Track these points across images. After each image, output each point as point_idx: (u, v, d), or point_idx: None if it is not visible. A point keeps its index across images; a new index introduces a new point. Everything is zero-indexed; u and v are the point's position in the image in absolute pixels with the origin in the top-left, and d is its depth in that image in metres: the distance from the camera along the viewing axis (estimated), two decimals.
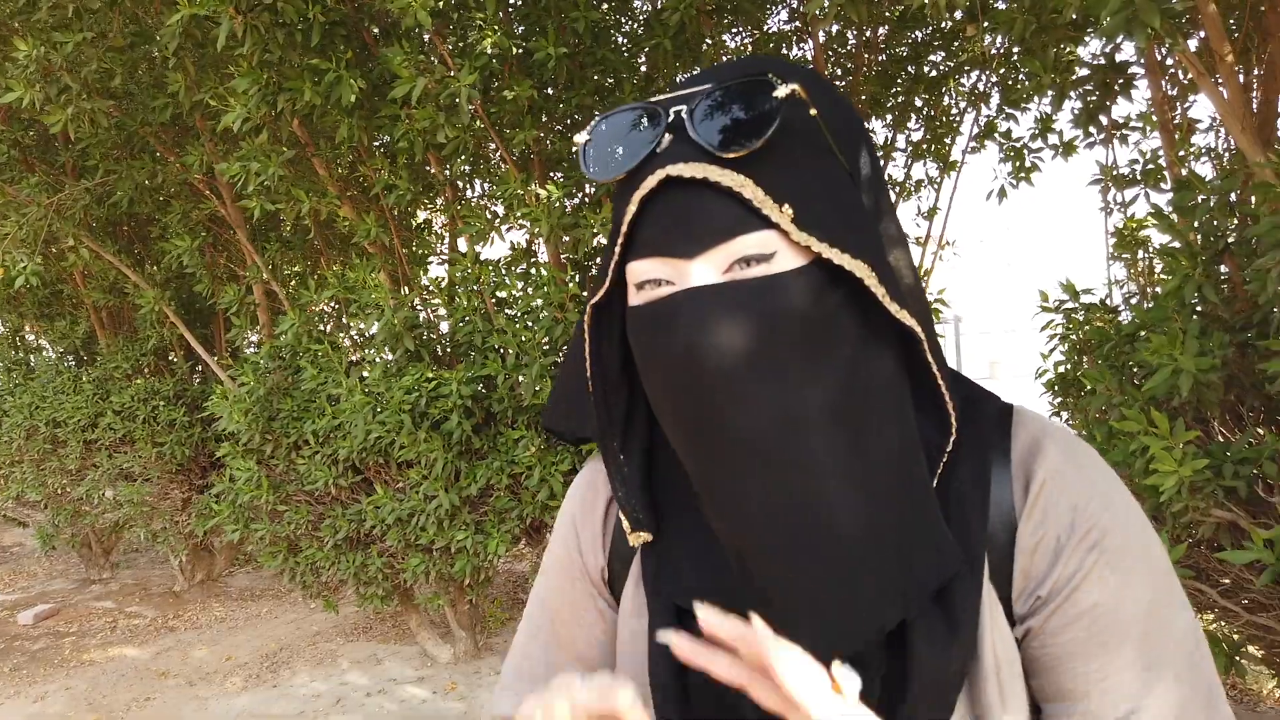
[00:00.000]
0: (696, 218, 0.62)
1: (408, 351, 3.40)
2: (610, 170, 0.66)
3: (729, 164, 0.62)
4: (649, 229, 0.64)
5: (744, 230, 0.61)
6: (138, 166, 3.65)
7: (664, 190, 0.63)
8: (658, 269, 0.64)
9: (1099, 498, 0.66)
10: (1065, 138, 3.75)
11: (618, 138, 0.66)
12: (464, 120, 2.73)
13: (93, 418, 5.00)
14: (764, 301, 0.61)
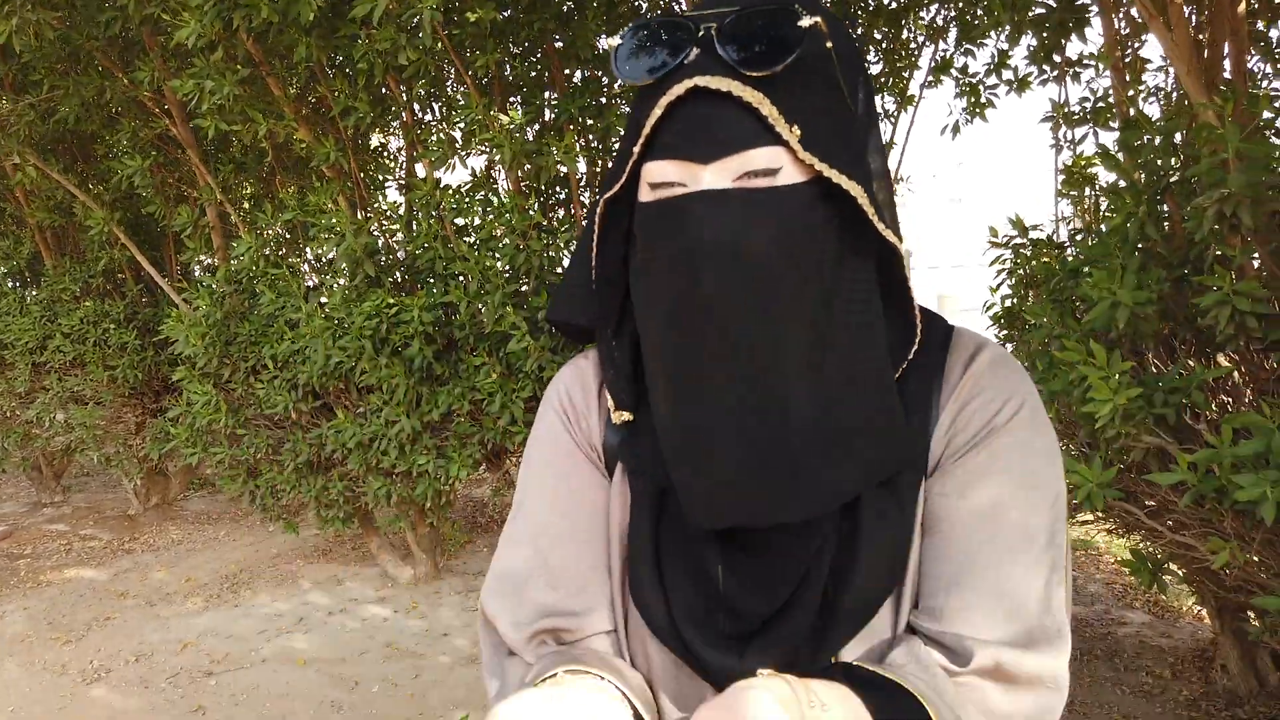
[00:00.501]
0: (716, 127, 0.68)
1: (368, 277, 3.40)
2: (640, 73, 0.70)
3: (750, 81, 0.67)
4: (670, 133, 0.69)
5: (757, 144, 0.68)
6: (84, 82, 3.54)
7: (688, 99, 0.68)
8: (673, 171, 0.69)
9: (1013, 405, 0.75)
10: (1020, 74, 3.82)
11: (649, 45, 0.71)
12: (426, 43, 2.70)
13: (41, 340, 4.92)
14: (766, 209, 0.68)
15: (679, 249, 0.69)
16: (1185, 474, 1.82)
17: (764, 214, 0.68)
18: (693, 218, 0.68)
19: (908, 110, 4.19)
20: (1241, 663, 3.01)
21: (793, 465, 0.70)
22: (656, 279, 0.72)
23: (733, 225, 0.67)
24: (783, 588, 0.74)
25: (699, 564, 0.76)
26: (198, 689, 3.57)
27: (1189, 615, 3.69)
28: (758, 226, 0.68)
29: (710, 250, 0.67)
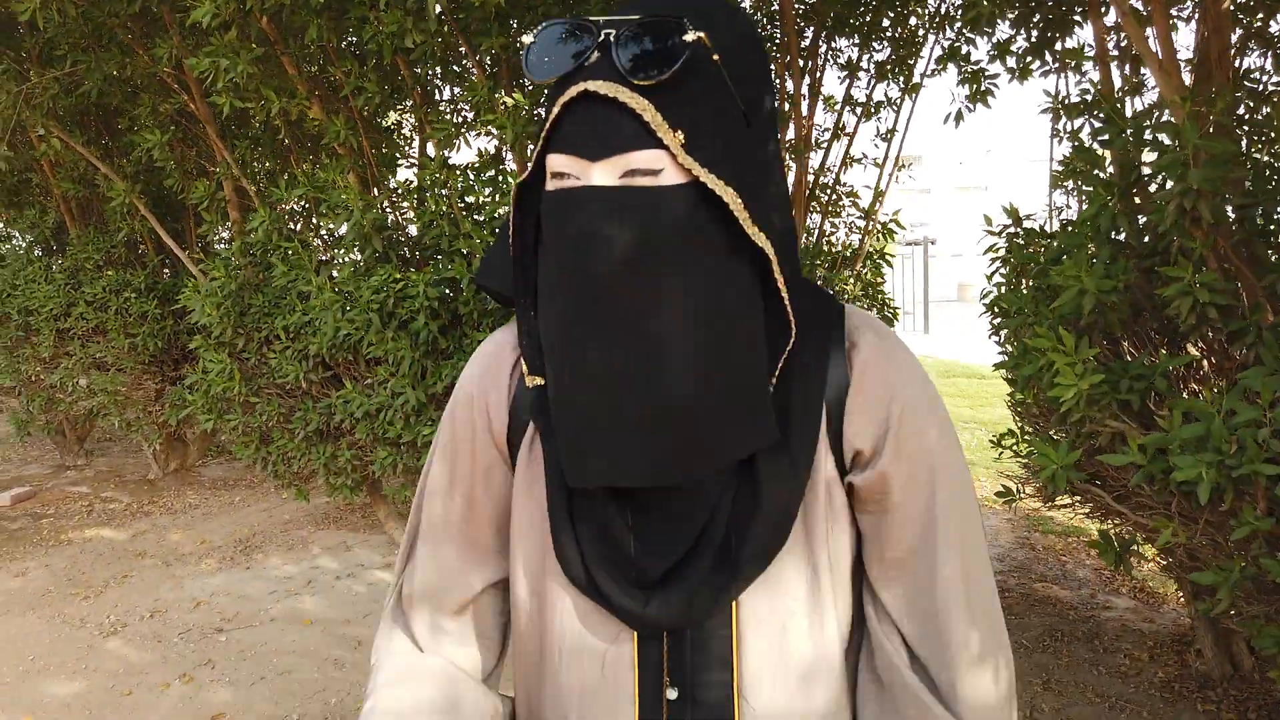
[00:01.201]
0: (604, 129, 0.75)
1: (376, 252, 3.51)
2: (544, 74, 0.78)
3: (637, 89, 0.74)
4: (567, 129, 0.76)
5: (639, 146, 0.75)
6: (106, 58, 3.66)
7: (584, 99, 0.75)
8: (569, 164, 0.77)
9: (903, 380, 0.85)
10: (1023, 62, 3.85)
11: (556, 46, 0.78)
12: (431, 26, 2.79)
13: (65, 307, 5.08)
14: (645, 207, 0.75)
15: (569, 235, 0.77)
16: (1135, 455, 1.90)
17: (642, 210, 0.75)
18: (580, 209, 0.76)
19: (911, 97, 4.25)
20: (1216, 647, 3.08)
21: (653, 435, 0.78)
22: (552, 259, 0.80)
23: (612, 218, 0.75)
24: (681, 542, 0.83)
25: (605, 520, 0.84)
26: (208, 644, 3.72)
27: (1173, 601, 3.75)
28: (635, 220, 0.75)
29: (592, 239, 0.75)
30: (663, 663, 0.84)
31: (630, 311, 0.76)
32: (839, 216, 4.37)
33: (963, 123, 4.20)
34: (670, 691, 0.84)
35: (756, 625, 0.84)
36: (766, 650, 0.84)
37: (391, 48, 3.03)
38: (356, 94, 3.29)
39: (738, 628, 0.84)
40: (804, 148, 3.94)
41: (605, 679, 0.86)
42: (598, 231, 0.76)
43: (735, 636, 0.84)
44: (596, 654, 0.86)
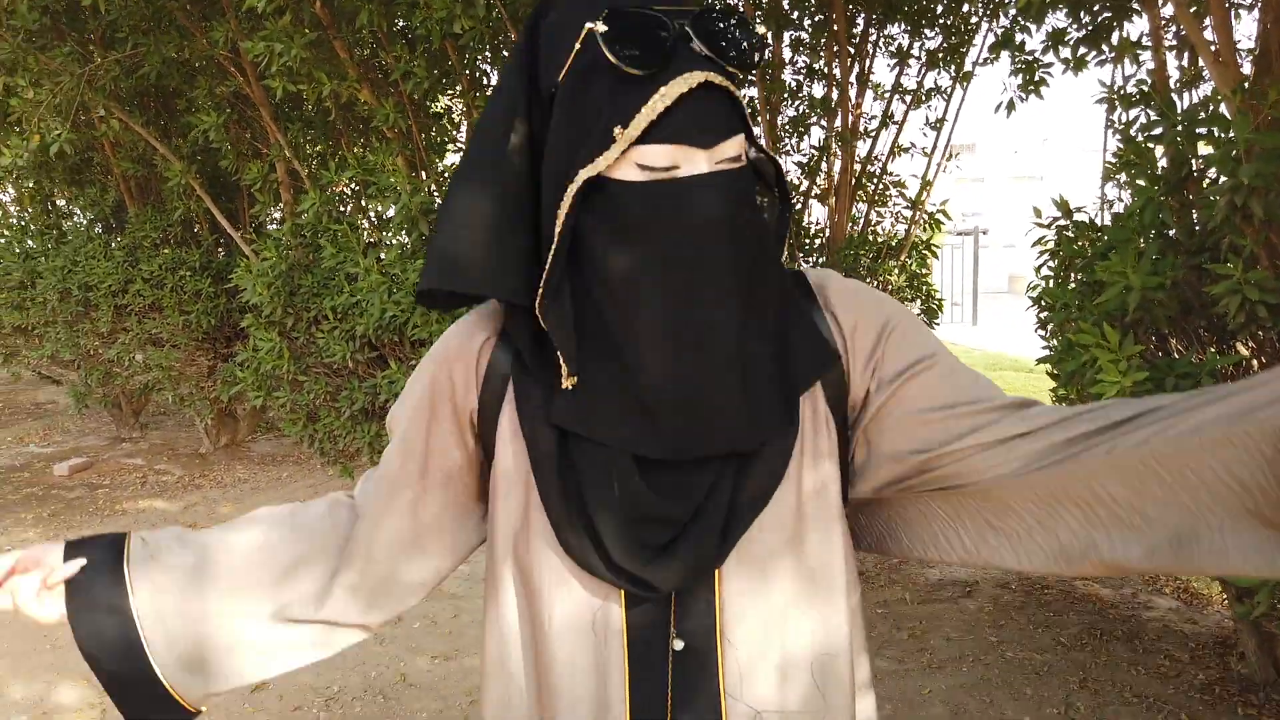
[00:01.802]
0: (713, 115, 0.78)
1: (422, 235, 3.56)
2: (636, 65, 0.77)
3: (732, 78, 0.80)
4: (671, 121, 0.77)
5: (731, 133, 0.80)
6: (166, 40, 3.75)
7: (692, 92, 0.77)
8: (672, 155, 0.78)
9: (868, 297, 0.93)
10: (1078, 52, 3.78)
11: (631, 35, 0.77)
12: (480, 11, 2.82)
13: (123, 284, 5.22)
14: (739, 190, 0.82)
15: (694, 224, 0.80)
16: None
17: (740, 193, 0.82)
18: (701, 199, 0.79)
19: (962, 86, 4.19)
20: (1259, 651, 3.02)
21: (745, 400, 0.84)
22: (651, 249, 0.81)
23: (726, 204, 0.80)
24: (688, 506, 0.86)
25: (617, 489, 0.86)
26: None
27: (1218, 602, 3.69)
28: (737, 204, 0.81)
29: (718, 225, 0.80)
30: (670, 619, 0.88)
31: (731, 289, 0.82)
32: (885, 206, 4.33)
33: (1015, 112, 4.14)
34: (677, 643, 0.87)
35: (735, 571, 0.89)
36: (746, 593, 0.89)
37: (440, 33, 3.07)
38: (406, 78, 3.33)
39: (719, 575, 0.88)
40: (852, 136, 3.91)
41: (596, 640, 0.89)
42: (722, 214, 0.80)
43: (717, 582, 0.88)
44: (586, 618, 0.89)
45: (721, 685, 0.87)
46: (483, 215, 0.86)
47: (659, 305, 0.81)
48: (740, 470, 0.86)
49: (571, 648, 0.90)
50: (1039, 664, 3.25)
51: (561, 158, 0.82)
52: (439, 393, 0.94)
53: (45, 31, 3.89)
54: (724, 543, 0.86)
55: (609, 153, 0.78)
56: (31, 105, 3.59)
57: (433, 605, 3.87)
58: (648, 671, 0.88)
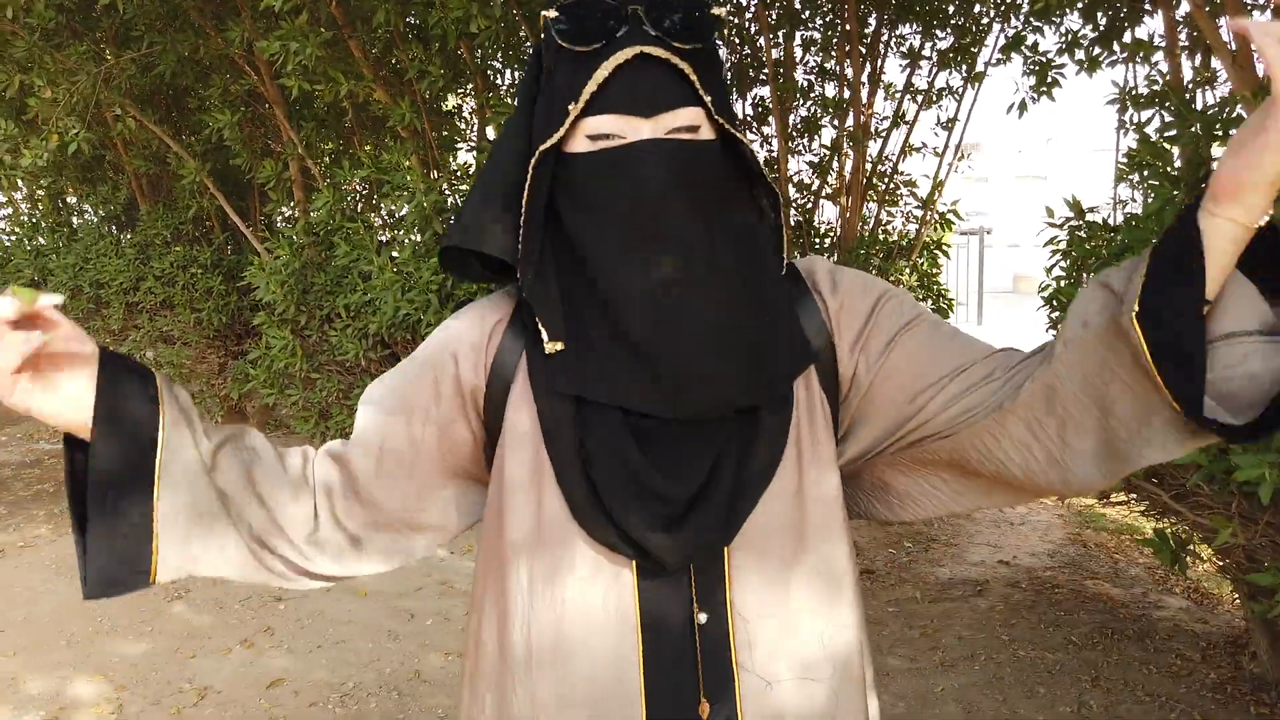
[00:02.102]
0: (655, 88, 0.84)
1: (436, 234, 3.57)
2: (584, 42, 0.84)
3: (679, 52, 0.84)
4: (614, 92, 0.84)
5: (684, 104, 0.85)
6: (181, 39, 3.76)
7: (627, 65, 0.83)
8: (617, 124, 0.85)
9: (854, 279, 0.98)
10: (1091, 54, 3.78)
11: (583, 19, 0.84)
12: (496, 11, 2.83)
13: (134, 281, 5.24)
14: (694, 158, 0.86)
15: (631, 187, 0.85)
16: (1197, 455, 1.88)
17: (693, 160, 0.86)
18: (643, 162, 0.84)
19: (974, 86, 4.20)
20: (1271, 650, 3.03)
21: (732, 359, 0.88)
22: (606, 214, 0.87)
23: (673, 168, 0.85)
24: (696, 475, 0.88)
25: (625, 463, 0.88)
26: (267, 612, 3.84)
27: (1228, 603, 3.69)
28: (689, 170, 0.85)
29: (659, 188, 0.84)
30: (690, 593, 0.90)
31: (691, 251, 0.86)
32: (896, 205, 4.34)
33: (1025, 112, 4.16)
34: (701, 616, 0.90)
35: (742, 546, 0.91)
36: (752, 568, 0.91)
37: (456, 32, 3.08)
38: (421, 78, 3.35)
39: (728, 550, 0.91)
40: (864, 135, 3.92)
41: (607, 613, 0.90)
42: (666, 180, 0.84)
43: (726, 557, 0.91)
44: (598, 592, 0.91)
45: (734, 656, 0.90)
46: (491, 192, 0.94)
47: (626, 267, 0.87)
48: (742, 449, 0.90)
49: (587, 617, 0.91)
50: (1051, 663, 3.26)
51: (537, 139, 0.90)
52: (441, 367, 0.96)
53: (60, 30, 3.91)
54: (730, 522, 0.89)
55: (561, 128, 0.86)
56: (49, 105, 3.60)
57: (444, 602, 3.89)
58: (663, 644, 0.89)
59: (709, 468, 0.88)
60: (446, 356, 0.97)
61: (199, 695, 3.19)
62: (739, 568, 0.91)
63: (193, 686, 3.24)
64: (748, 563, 0.91)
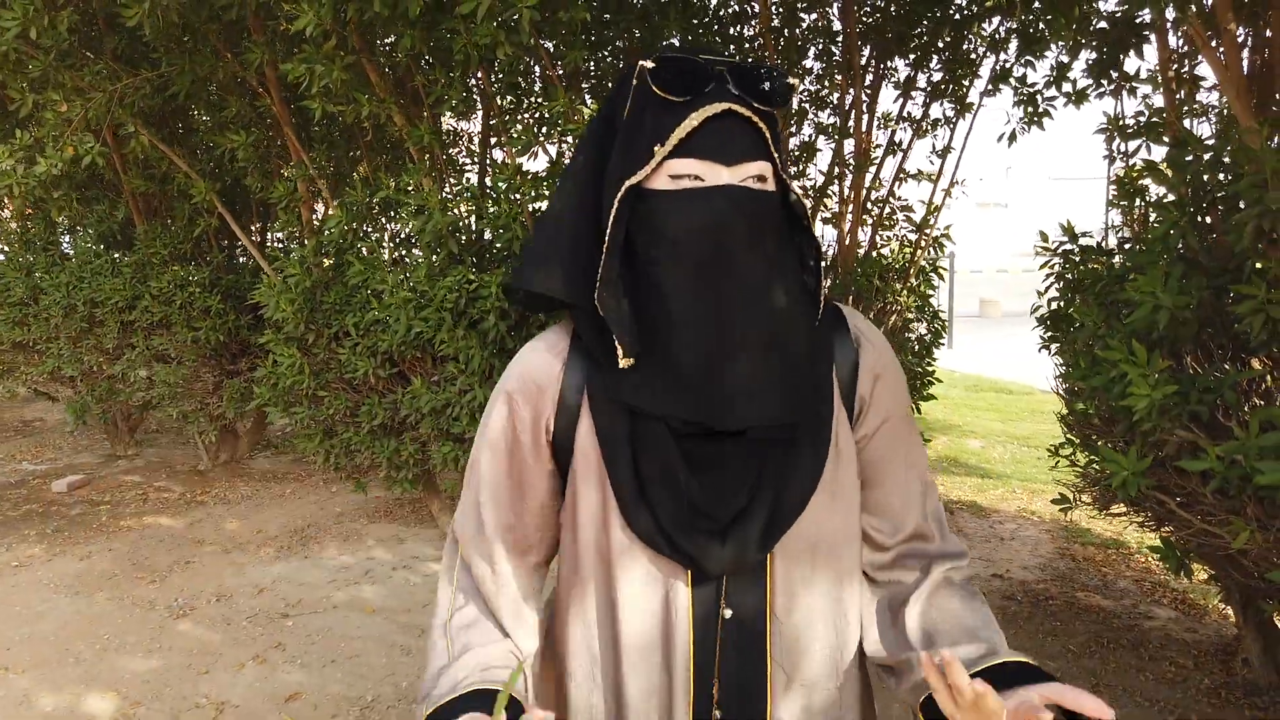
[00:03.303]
0: (739, 140, 0.98)
1: (451, 254, 3.64)
2: (678, 93, 0.97)
3: (759, 113, 0.98)
4: (702, 140, 0.97)
5: (759, 158, 0.99)
6: (199, 60, 3.81)
7: (716, 117, 0.97)
8: (700, 167, 0.98)
9: (889, 356, 1.13)
10: (1078, 86, 3.96)
11: (677, 73, 0.98)
12: (525, 40, 2.92)
13: (130, 300, 5.23)
14: (762, 205, 0.99)
15: (711, 223, 0.97)
16: (1213, 463, 2.00)
17: (761, 206, 0.99)
18: (722, 202, 0.97)
19: (966, 117, 4.36)
20: (1264, 655, 3.17)
21: (776, 381, 1.00)
22: (685, 248, 0.99)
23: (745, 210, 0.98)
24: (739, 495, 1.01)
25: (673, 481, 1.01)
26: (276, 628, 3.85)
27: (1215, 613, 3.84)
28: (759, 215, 0.99)
29: (732, 227, 0.97)
30: (719, 594, 1.03)
31: (753, 286, 0.99)
32: (891, 230, 4.48)
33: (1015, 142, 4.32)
34: (726, 611, 1.04)
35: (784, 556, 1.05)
36: (794, 578, 1.05)
37: (479, 58, 3.17)
38: (439, 103, 3.42)
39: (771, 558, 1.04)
40: (864, 162, 4.06)
41: (668, 614, 1.04)
42: (739, 222, 0.97)
43: (769, 565, 1.04)
44: (658, 595, 1.04)
45: (769, 653, 1.04)
46: (559, 231, 1.07)
47: (690, 293, 0.99)
48: (784, 465, 1.02)
49: (644, 618, 1.05)
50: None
51: (616, 174, 1.01)
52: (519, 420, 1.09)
53: (74, 50, 3.94)
54: (767, 538, 1.01)
55: (647, 166, 0.98)
56: (63, 122, 3.63)
57: None
58: (705, 639, 1.04)
59: (751, 486, 1.01)
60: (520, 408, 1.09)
61: (216, 710, 3.20)
62: (781, 576, 1.04)
63: (210, 701, 3.25)
64: (788, 572, 1.04)
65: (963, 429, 7.79)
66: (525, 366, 1.09)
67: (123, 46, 4.29)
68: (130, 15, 3.21)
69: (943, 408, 8.46)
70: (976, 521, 5.20)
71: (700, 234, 0.97)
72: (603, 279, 1.01)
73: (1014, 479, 6.18)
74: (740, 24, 4.34)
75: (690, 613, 1.03)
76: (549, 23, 3.25)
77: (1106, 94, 3.69)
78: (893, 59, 4.35)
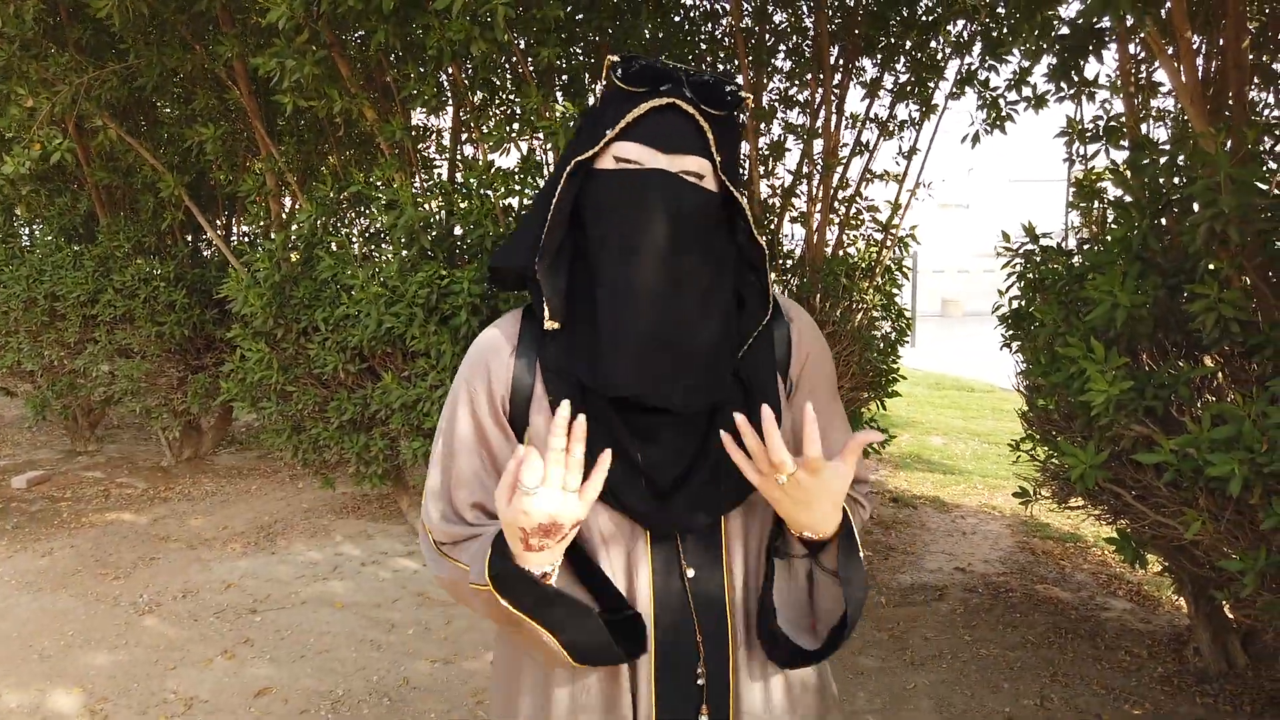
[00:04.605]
0: (676, 133, 1.07)
1: (423, 249, 3.65)
2: (638, 84, 1.08)
3: (704, 114, 1.08)
4: (647, 127, 1.07)
5: (697, 154, 1.08)
6: (168, 53, 3.78)
7: (668, 110, 1.07)
8: (641, 152, 1.07)
9: (819, 340, 1.25)
10: (1039, 91, 4.06)
11: (640, 73, 1.08)
12: (500, 36, 2.94)
13: (93, 294, 5.16)
14: (694, 195, 1.08)
15: (638, 204, 1.07)
16: (1167, 456, 2.08)
17: (693, 197, 1.08)
18: (652, 185, 1.07)
19: (931, 119, 4.43)
20: (1213, 645, 3.28)
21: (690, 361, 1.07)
22: (615, 222, 1.08)
23: (674, 195, 1.07)
24: (678, 463, 1.09)
25: (621, 446, 1.08)
26: (244, 624, 3.84)
27: (1168, 605, 3.95)
28: (688, 203, 1.08)
29: (660, 208, 1.06)
30: (678, 552, 1.11)
31: (676, 268, 1.07)
32: (858, 230, 4.55)
33: (978, 144, 4.41)
34: (689, 570, 1.11)
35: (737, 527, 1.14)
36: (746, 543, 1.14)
37: (452, 54, 3.18)
38: (411, 99, 3.43)
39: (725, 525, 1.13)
40: (832, 161, 4.12)
41: (630, 565, 1.11)
42: (667, 203, 1.07)
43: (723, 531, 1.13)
44: (623, 548, 1.12)
45: (727, 600, 1.12)
46: (528, 214, 1.18)
47: (622, 269, 1.07)
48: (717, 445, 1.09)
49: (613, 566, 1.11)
50: (1012, 660, 3.46)
51: (570, 154, 1.12)
52: (473, 390, 1.16)
53: (39, 40, 3.89)
54: (714, 502, 1.10)
55: (595, 146, 1.09)
56: (28, 115, 3.59)
57: (423, 613, 3.93)
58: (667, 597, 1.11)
59: (691, 455, 1.10)
60: (477, 387, 1.16)
61: (185, 705, 3.18)
62: (731, 533, 1.13)
63: (178, 697, 3.24)
64: (736, 529, 1.14)
65: (925, 426, 7.91)
66: (477, 349, 1.18)
67: (89, 38, 4.24)
68: (100, 6, 3.19)
69: (906, 405, 8.58)
70: (939, 516, 5.30)
71: (628, 210, 1.07)
72: (544, 248, 1.12)
73: (975, 475, 6.30)
74: (711, 23, 4.39)
75: (650, 568, 1.11)
76: (523, 19, 3.27)
77: (1066, 98, 3.79)
78: (860, 59, 4.42)
